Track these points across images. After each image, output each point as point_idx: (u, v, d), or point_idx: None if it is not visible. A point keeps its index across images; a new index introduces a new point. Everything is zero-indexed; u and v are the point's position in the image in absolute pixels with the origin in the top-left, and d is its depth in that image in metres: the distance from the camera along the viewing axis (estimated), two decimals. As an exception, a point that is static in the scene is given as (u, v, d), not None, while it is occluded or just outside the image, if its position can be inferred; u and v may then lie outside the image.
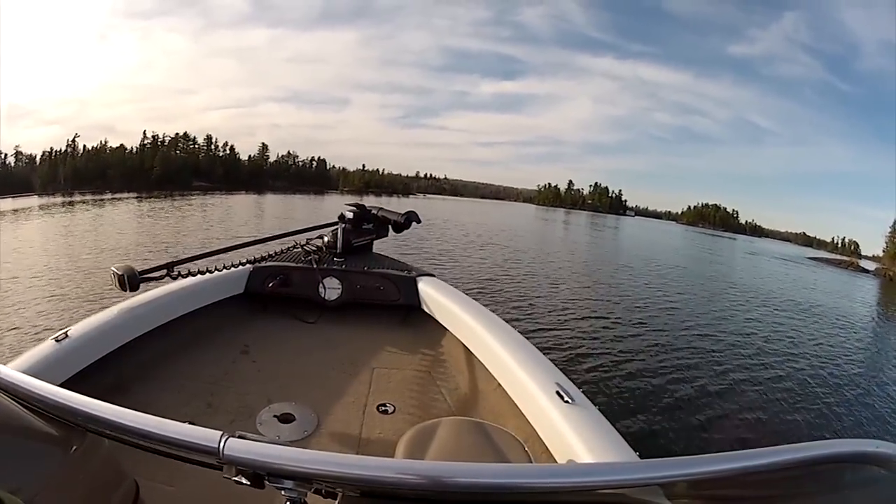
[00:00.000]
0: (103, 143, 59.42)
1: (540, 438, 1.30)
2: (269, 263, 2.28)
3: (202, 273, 1.99)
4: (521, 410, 1.44)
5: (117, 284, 1.71)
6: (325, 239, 2.47)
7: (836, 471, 0.55)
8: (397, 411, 1.64)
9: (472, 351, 1.83)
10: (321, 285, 2.25)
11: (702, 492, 0.59)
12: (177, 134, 66.25)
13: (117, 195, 36.56)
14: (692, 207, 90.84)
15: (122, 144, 60.76)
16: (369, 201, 2.63)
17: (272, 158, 75.40)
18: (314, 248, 2.43)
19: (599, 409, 1.26)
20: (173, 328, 1.87)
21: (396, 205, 2.76)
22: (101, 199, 31.63)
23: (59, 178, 51.80)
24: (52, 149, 55.31)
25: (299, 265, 2.30)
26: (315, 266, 2.28)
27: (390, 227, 2.58)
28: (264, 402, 1.60)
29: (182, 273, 1.92)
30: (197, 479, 0.61)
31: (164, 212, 22.67)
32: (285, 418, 1.54)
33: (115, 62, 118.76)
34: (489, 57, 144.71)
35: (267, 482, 0.55)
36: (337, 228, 2.45)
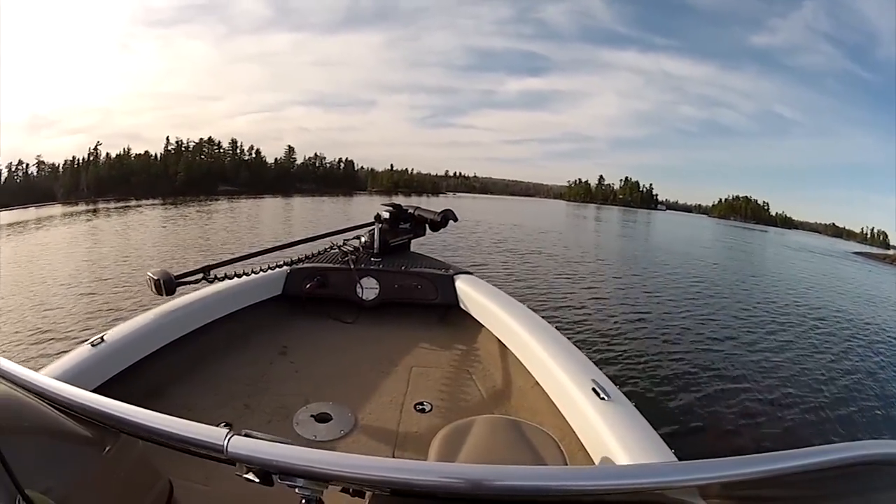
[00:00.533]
0: (126, 149, 59.91)
1: (576, 437, 1.27)
2: (306, 265, 2.28)
3: (239, 276, 1.99)
4: (557, 408, 1.41)
5: (153, 289, 1.72)
6: (363, 239, 2.46)
7: (870, 472, 0.54)
8: (434, 409, 1.62)
9: (510, 348, 1.80)
10: (359, 285, 2.24)
11: (737, 493, 0.58)
12: (201, 139, 66.49)
13: (141, 202, 37.00)
14: (723, 200, 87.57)
15: (146, 151, 61.25)
16: (399, 201, 2.61)
17: (299, 161, 74.41)
18: (351, 249, 2.41)
19: (636, 407, 1.23)
20: (211, 331, 1.86)
21: (426, 204, 2.76)
22: (126, 206, 32.12)
23: (81, 186, 52.47)
24: (74, 157, 55.57)
25: (336, 266, 2.29)
26: (352, 266, 2.27)
27: (427, 226, 2.57)
28: (302, 403, 1.60)
29: (219, 276, 1.92)
30: (232, 479, 0.59)
31: (189, 218, 22.84)
32: (322, 418, 1.53)
33: (138, 70, 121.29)
34: (513, 55, 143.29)
35: (277, 480, 0.55)
36: (374, 228, 2.43)
